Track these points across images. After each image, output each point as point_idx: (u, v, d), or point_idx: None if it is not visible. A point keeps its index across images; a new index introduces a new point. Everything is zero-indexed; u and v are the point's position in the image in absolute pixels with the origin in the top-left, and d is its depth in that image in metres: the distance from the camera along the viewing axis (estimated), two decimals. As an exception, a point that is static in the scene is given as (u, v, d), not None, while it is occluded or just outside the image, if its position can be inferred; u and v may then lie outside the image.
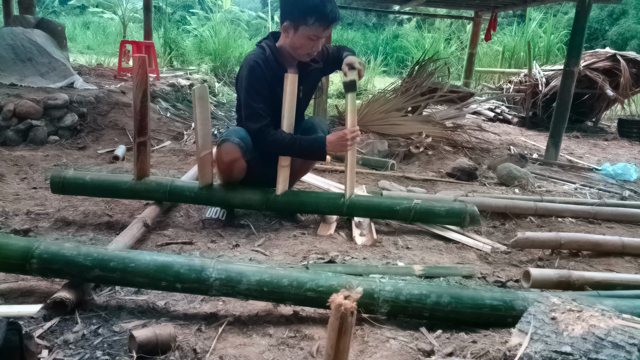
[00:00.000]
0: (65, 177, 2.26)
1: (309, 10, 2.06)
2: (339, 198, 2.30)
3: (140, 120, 2.11)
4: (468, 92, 5.73)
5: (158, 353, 1.26)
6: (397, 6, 7.72)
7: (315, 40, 2.14)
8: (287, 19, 2.13)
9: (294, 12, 2.10)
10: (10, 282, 1.61)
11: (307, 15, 2.07)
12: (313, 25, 2.08)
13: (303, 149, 2.19)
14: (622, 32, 14.79)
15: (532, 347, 1.11)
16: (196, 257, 1.56)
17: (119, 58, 6.20)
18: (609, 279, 1.84)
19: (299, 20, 2.09)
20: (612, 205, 2.96)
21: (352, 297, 0.88)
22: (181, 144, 4.08)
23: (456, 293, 1.49)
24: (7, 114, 3.54)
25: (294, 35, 2.13)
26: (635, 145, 6.09)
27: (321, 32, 2.12)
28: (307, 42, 2.14)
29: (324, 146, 2.19)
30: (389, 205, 2.33)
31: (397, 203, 2.33)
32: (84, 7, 14.65)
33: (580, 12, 4.17)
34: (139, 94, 2.06)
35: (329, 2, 2.09)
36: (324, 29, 2.12)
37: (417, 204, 2.31)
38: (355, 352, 1.33)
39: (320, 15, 2.07)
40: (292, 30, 2.13)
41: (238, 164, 2.18)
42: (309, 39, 2.13)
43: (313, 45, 2.16)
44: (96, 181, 2.27)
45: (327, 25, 2.11)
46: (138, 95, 2.07)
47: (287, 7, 2.13)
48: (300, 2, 2.08)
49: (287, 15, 2.13)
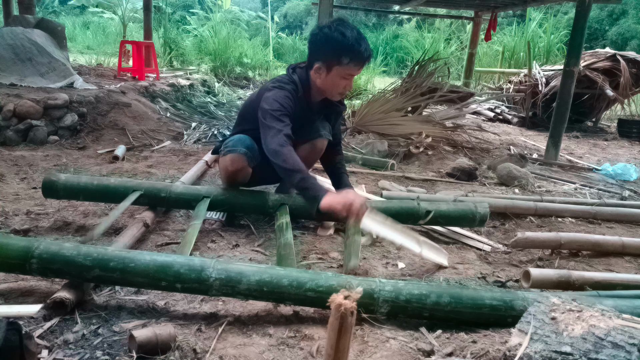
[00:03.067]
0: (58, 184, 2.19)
1: (343, 51, 2.03)
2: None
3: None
4: (468, 92, 5.73)
5: (158, 353, 1.25)
6: (397, 6, 7.73)
7: (348, 79, 2.13)
8: (319, 60, 2.09)
9: (327, 53, 2.06)
10: (10, 282, 1.60)
11: (341, 55, 2.04)
12: (348, 65, 2.06)
13: (301, 187, 2.01)
14: (622, 32, 14.80)
15: (532, 347, 1.11)
16: (196, 257, 1.56)
17: (119, 58, 6.21)
18: (609, 279, 1.84)
19: (332, 61, 2.06)
20: (612, 205, 2.96)
21: (352, 297, 0.88)
22: (181, 143, 4.08)
23: (456, 293, 1.49)
24: (7, 114, 3.54)
25: (327, 75, 2.11)
26: (635, 145, 6.09)
27: (355, 71, 2.11)
28: (340, 82, 2.12)
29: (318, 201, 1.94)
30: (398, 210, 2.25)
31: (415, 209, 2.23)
32: (84, 7, 14.67)
33: (580, 12, 4.17)
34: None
35: (363, 41, 2.06)
36: (358, 68, 2.11)
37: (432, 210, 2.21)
38: (355, 352, 1.33)
39: (355, 55, 2.04)
40: (325, 71, 2.10)
41: (243, 172, 2.19)
42: (342, 79, 2.11)
43: (346, 84, 2.15)
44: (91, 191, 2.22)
45: (361, 64, 2.10)
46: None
47: (319, 49, 2.10)
48: (334, 43, 2.03)
49: (318, 56, 2.09)
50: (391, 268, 1.98)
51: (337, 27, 2.05)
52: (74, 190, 2.21)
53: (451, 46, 12.12)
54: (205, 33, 10.20)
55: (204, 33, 10.25)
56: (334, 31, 2.04)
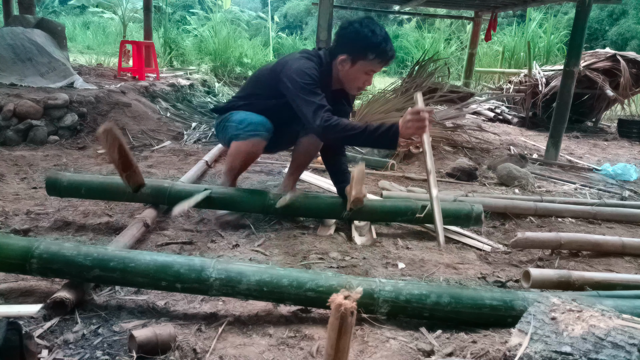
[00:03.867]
0: (61, 182, 2.22)
1: (371, 47, 2.13)
2: (341, 203, 2.31)
3: (123, 165, 1.89)
4: (468, 92, 5.73)
5: (158, 353, 1.25)
6: (397, 6, 7.73)
7: (370, 74, 2.23)
8: (345, 52, 2.18)
9: (355, 47, 2.16)
10: (10, 282, 1.60)
11: (368, 51, 2.14)
12: (372, 61, 2.16)
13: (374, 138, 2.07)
14: (622, 32, 14.80)
15: (532, 347, 1.11)
16: (196, 257, 1.56)
17: (119, 58, 6.21)
18: (609, 279, 1.84)
19: (358, 55, 2.16)
20: (612, 205, 2.96)
21: (352, 297, 0.88)
22: (181, 143, 4.07)
23: (456, 293, 1.49)
24: (7, 114, 3.54)
25: (350, 68, 2.20)
26: (635, 145, 6.09)
27: (378, 68, 2.21)
28: (361, 76, 2.22)
29: (397, 133, 2.01)
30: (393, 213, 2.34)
31: (400, 213, 2.32)
32: (84, 7, 14.68)
33: (580, 12, 4.17)
34: (115, 154, 1.84)
35: (389, 41, 2.17)
36: (381, 66, 2.21)
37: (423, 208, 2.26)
38: (355, 352, 1.33)
39: (380, 52, 2.15)
40: (350, 63, 2.19)
41: (259, 153, 2.33)
42: (364, 74, 2.21)
43: (366, 79, 2.24)
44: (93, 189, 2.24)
45: (385, 62, 2.20)
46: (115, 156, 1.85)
47: (347, 41, 2.18)
48: (364, 39, 2.13)
49: (345, 48, 2.18)
50: (391, 268, 1.98)
51: (368, 24, 2.16)
52: (77, 188, 2.23)
53: (451, 46, 12.11)
54: (205, 33, 10.19)
55: (204, 33, 10.24)
56: (364, 27, 2.14)
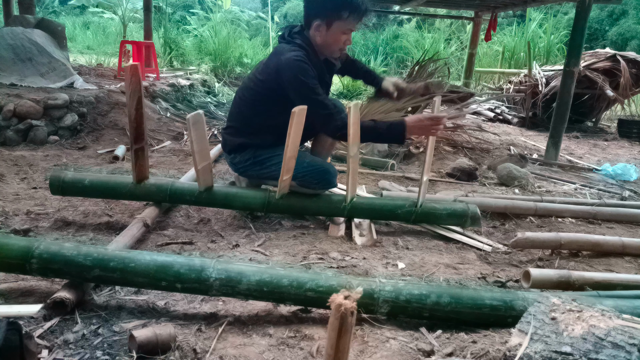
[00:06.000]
0: (64, 179, 2.24)
1: (342, 5, 2.14)
2: (341, 202, 2.31)
3: (136, 128, 2.07)
4: (468, 92, 5.71)
5: (158, 353, 1.26)
6: (397, 6, 7.72)
7: (348, 34, 2.22)
8: (318, 17, 2.18)
9: (326, 9, 2.16)
10: (10, 282, 1.60)
11: (340, 10, 2.14)
12: (347, 19, 2.16)
13: (381, 133, 2.19)
14: (622, 32, 14.79)
15: (532, 347, 1.11)
16: (196, 257, 1.56)
17: (119, 58, 6.20)
18: (609, 279, 1.84)
19: (332, 17, 2.16)
20: (612, 205, 2.96)
21: (352, 297, 0.88)
22: (181, 144, 4.08)
23: (456, 293, 1.49)
24: (7, 114, 3.54)
25: (327, 32, 2.20)
26: (635, 145, 6.09)
27: (354, 25, 2.20)
28: (340, 37, 2.23)
29: (404, 129, 2.16)
30: (391, 207, 2.34)
31: (399, 205, 2.34)
32: (84, 7, 14.66)
33: (580, 12, 4.17)
34: (133, 102, 2.02)
35: None
36: (357, 22, 2.20)
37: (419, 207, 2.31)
38: (355, 352, 1.33)
39: (353, 8, 2.15)
40: (325, 27, 2.19)
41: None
42: (342, 34, 2.21)
43: (346, 39, 2.24)
44: (95, 184, 2.25)
45: (360, 17, 2.19)
46: (132, 104, 2.02)
47: (317, 6, 2.19)
48: None
49: (317, 13, 2.19)
50: (391, 268, 1.98)
51: None
52: (80, 187, 2.24)
53: (451, 46, 12.10)
54: (205, 33, 10.19)
55: (204, 33, 10.24)
56: None
